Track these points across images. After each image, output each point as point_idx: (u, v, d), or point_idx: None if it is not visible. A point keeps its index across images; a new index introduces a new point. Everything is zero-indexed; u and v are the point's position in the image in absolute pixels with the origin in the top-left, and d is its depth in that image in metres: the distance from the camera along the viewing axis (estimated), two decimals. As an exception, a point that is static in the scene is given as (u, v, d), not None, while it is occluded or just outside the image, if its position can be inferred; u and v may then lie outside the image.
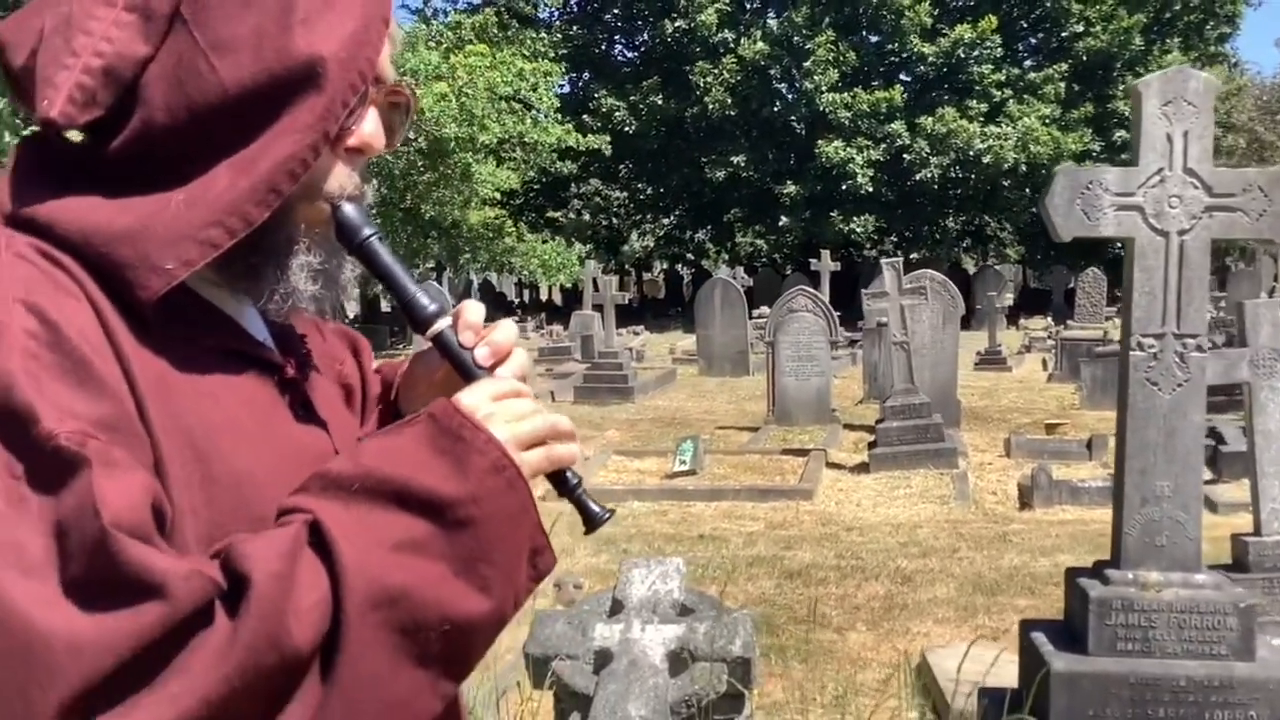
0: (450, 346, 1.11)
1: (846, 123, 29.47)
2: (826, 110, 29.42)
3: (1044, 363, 18.80)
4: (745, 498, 8.87)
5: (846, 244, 32.65)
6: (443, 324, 1.11)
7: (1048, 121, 29.65)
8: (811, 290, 13.30)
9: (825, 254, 23.87)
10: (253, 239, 0.98)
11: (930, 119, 29.45)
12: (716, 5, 30.29)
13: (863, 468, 10.12)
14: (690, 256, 39.28)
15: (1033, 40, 34.45)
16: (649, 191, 36.06)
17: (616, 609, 3.40)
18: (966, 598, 6.36)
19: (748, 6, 32.50)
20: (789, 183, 30.87)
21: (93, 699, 0.79)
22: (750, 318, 19.02)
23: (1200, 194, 3.31)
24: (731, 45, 30.43)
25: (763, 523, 8.27)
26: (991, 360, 18.89)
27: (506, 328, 1.13)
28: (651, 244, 37.84)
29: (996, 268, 34.17)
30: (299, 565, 0.88)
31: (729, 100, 30.31)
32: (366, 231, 1.08)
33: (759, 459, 10.61)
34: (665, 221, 36.57)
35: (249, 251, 0.99)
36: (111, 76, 0.95)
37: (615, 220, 37.63)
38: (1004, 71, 30.62)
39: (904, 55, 31.44)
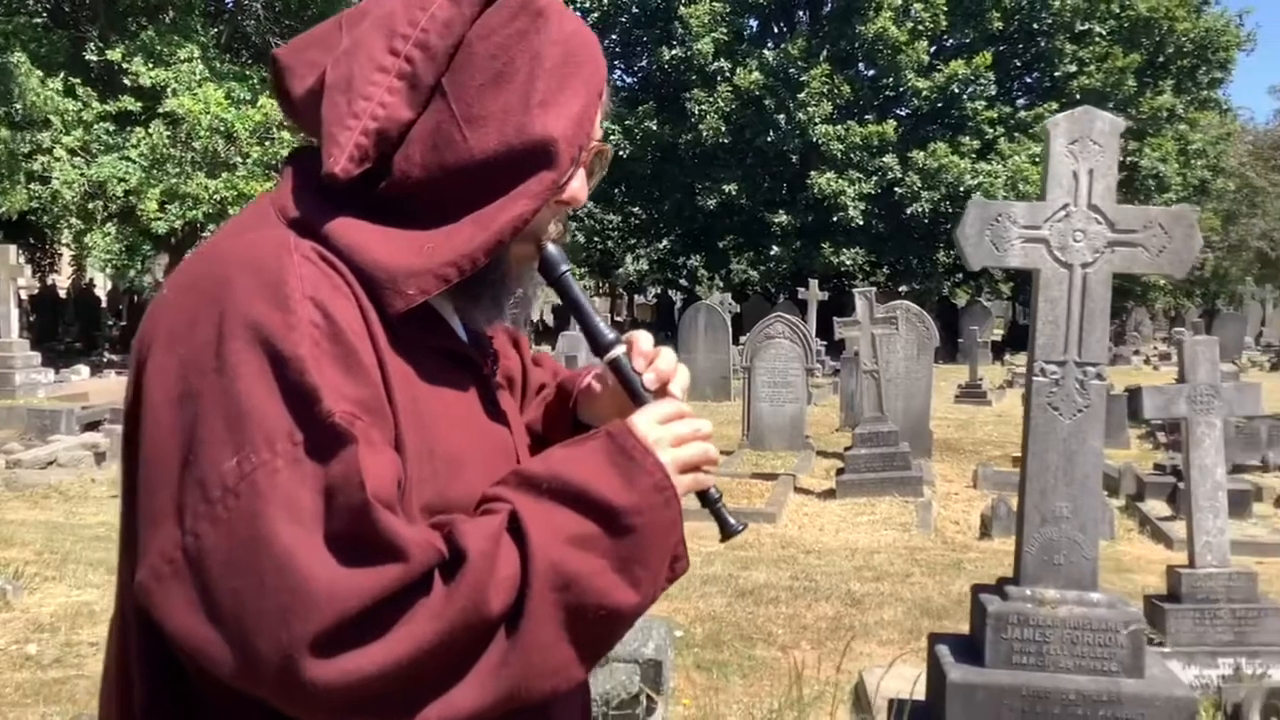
0: (624, 370, 1.30)
1: (839, 155, 29.58)
2: (820, 142, 29.55)
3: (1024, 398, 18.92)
4: (708, 518, 8.96)
5: (837, 275, 32.76)
6: (618, 351, 1.30)
7: (1037, 160, 29.79)
8: (789, 318, 13.40)
9: (814, 283, 24.05)
10: (477, 274, 1.19)
11: (922, 154, 29.53)
12: (714, 34, 30.50)
13: (830, 494, 10.24)
14: (684, 282, 39.41)
15: (1027, 79, 34.68)
16: (643, 216, 36.24)
17: (536, 610, 3.53)
18: (913, 621, 6.47)
19: (745, 36, 32.74)
20: (781, 212, 30.99)
21: (339, 634, 0.97)
22: (735, 344, 19.17)
23: (1103, 229, 3.46)
24: (727, 74, 30.58)
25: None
26: (972, 394, 19.05)
27: (668, 355, 1.32)
28: (645, 268, 37.93)
29: (985, 303, 34.32)
30: (501, 546, 1.07)
31: (723, 128, 30.44)
32: (564, 268, 1.28)
33: (728, 482, 10.70)
34: (659, 246, 36.70)
35: (474, 283, 1.21)
36: (382, 137, 1.15)
37: (609, 243, 37.79)
38: (996, 109, 30.76)
39: (899, 90, 31.60)
